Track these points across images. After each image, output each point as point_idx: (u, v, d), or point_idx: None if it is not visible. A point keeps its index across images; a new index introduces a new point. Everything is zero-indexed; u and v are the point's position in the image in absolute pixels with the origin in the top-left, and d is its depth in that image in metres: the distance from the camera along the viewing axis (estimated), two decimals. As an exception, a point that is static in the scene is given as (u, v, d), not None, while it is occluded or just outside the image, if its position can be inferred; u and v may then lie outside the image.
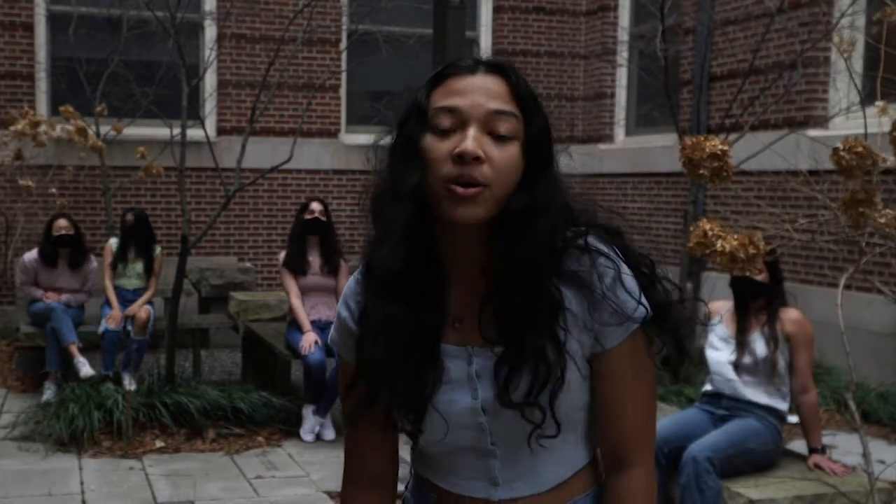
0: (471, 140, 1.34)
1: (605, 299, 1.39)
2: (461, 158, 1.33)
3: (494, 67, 1.41)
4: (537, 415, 1.39)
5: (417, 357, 1.40)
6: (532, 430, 1.40)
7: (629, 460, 1.46)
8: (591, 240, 1.42)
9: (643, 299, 1.41)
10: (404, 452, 1.55)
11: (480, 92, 1.38)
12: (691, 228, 2.80)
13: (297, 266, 6.04)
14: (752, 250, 2.71)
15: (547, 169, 1.41)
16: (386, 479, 1.56)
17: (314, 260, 6.09)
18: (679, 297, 1.47)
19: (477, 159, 1.33)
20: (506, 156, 1.36)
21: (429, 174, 1.36)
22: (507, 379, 1.38)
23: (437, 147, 1.36)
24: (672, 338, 1.44)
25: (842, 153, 2.74)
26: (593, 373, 1.43)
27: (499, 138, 1.36)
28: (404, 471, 1.59)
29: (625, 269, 1.41)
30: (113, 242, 7.05)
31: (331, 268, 6.09)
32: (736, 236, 2.74)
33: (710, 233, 2.77)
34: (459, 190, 1.34)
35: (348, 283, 1.54)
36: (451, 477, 1.48)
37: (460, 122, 1.37)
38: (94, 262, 7.04)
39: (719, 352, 4.27)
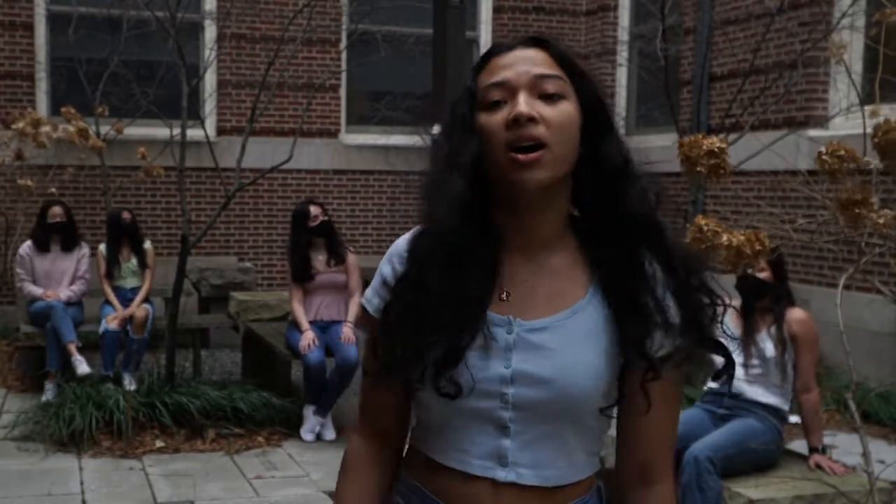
0: (522, 104, 1.38)
1: (660, 305, 1.42)
2: (516, 122, 1.37)
3: (534, 41, 1.46)
4: (659, 370, 1.41)
5: (460, 317, 1.41)
6: (613, 404, 1.43)
7: (658, 476, 1.49)
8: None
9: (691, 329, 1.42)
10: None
11: (523, 62, 1.42)
12: (688, 226, 2.80)
13: (304, 275, 6.02)
14: (758, 247, 2.71)
15: (610, 128, 1.45)
16: (393, 436, 1.58)
17: (321, 259, 6.07)
18: (722, 311, 1.47)
19: (531, 120, 1.37)
20: (559, 113, 1.39)
21: (488, 148, 1.40)
22: (635, 334, 1.40)
23: (492, 119, 1.40)
24: (702, 362, 1.48)
25: (824, 157, 2.75)
26: (624, 384, 1.44)
27: (549, 98, 1.40)
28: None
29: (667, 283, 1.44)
30: (102, 248, 7.09)
31: (338, 260, 6.08)
32: (742, 232, 2.74)
33: (706, 228, 2.77)
34: (521, 157, 1.36)
35: (397, 241, 1.54)
36: (456, 453, 1.46)
37: (509, 92, 1.40)
38: (86, 248, 7.09)
39: None
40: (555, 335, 1.42)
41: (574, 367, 1.41)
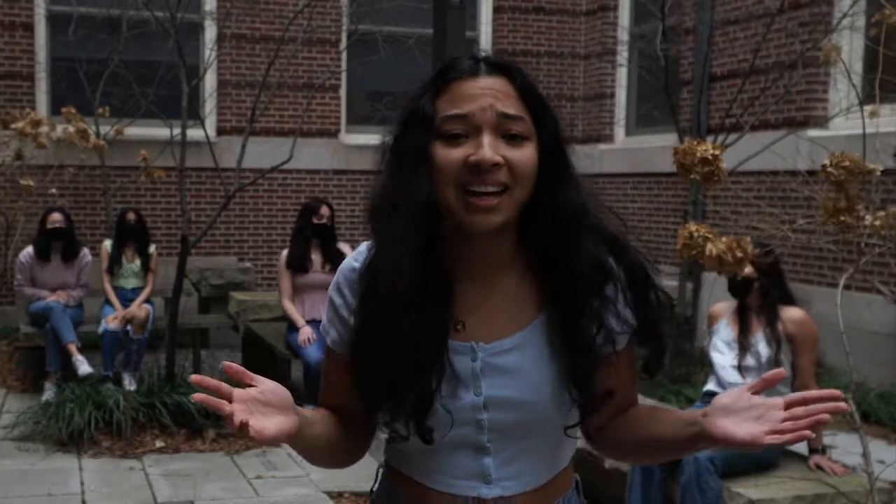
0: (487, 148, 1.33)
1: (618, 303, 1.45)
2: (478, 167, 1.32)
3: (497, 67, 1.40)
4: (597, 403, 1.45)
5: (423, 357, 1.39)
6: (578, 421, 1.46)
7: (634, 402, 1.59)
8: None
9: (629, 315, 1.46)
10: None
11: (489, 95, 1.36)
12: (681, 230, 2.81)
13: (299, 264, 6.10)
14: (739, 253, 2.72)
15: (568, 168, 1.42)
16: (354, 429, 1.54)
17: (315, 258, 6.17)
18: (669, 307, 1.53)
19: (496, 165, 1.33)
20: (523, 156, 1.35)
21: (440, 183, 1.35)
22: (579, 368, 1.42)
23: (449, 154, 1.35)
24: (655, 349, 1.51)
25: (829, 169, 2.74)
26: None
27: (512, 139, 1.35)
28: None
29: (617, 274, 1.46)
30: (108, 244, 7.07)
31: (332, 266, 6.13)
32: (724, 239, 2.75)
33: (696, 234, 2.78)
34: (479, 202, 1.33)
35: (343, 267, 1.50)
36: (441, 476, 1.46)
37: (472, 128, 1.35)
38: (87, 256, 7.06)
39: (724, 355, 4.27)
40: (517, 355, 1.43)
41: (541, 386, 1.42)
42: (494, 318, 1.43)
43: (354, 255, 1.50)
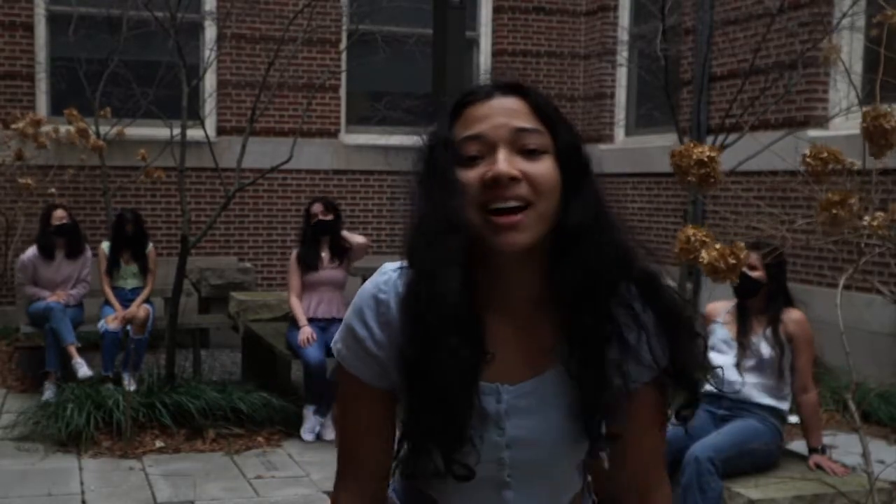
0: (502, 161, 1.31)
1: (641, 343, 1.40)
2: (496, 182, 1.30)
3: (511, 89, 1.39)
4: (607, 443, 1.43)
5: (457, 394, 1.36)
6: (588, 449, 1.45)
7: (657, 482, 1.52)
8: (631, 289, 1.41)
9: (658, 354, 1.42)
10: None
11: (501, 113, 1.35)
12: (679, 233, 2.81)
13: (309, 261, 6.14)
14: (731, 260, 2.71)
15: (588, 182, 1.38)
16: (380, 489, 1.52)
17: (325, 256, 6.21)
18: (703, 344, 1.47)
19: (513, 179, 1.30)
20: (542, 169, 1.33)
21: (464, 207, 1.32)
22: (589, 411, 1.40)
23: (468, 176, 1.33)
24: (688, 394, 1.47)
25: (808, 159, 2.75)
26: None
27: (530, 154, 1.33)
28: None
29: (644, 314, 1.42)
30: (105, 246, 7.08)
31: (340, 261, 6.18)
32: (718, 245, 2.75)
33: (693, 238, 2.77)
34: (501, 220, 1.30)
35: (364, 295, 1.44)
36: None
37: (487, 147, 1.34)
38: (90, 252, 7.08)
39: (724, 355, 4.26)
40: (539, 396, 1.42)
41: (562, 426, 1.42)
42: (518, 355, 1.41)
43: (377, 284, 1.43)
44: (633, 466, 1.50)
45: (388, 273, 1.43)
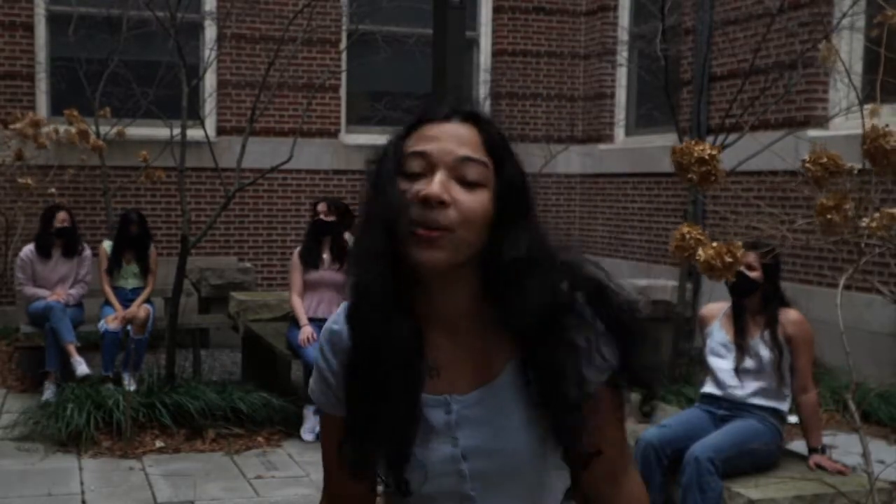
0: (436, 184, 1.35)
1: (592, 349, 1.43)
2: (425, 201, 1.34)
3: (469, 116, 1.43)
4: (582, 459, 1.45)
5: (401, 409, 1.40)
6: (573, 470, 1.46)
7: (624, 470, 1.56)
8: (579, 298, 1.44)
9: (609, 355, 1.45)
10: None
11: (451, 139, 1.39)
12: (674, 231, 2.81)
13: (310, 259, 6.15)
14: (728, 258, 2.71)
15: (523, 218, 1.41)
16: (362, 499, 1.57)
17: (326, 257, 6.23)
18: (654, 345, 1.53)
19: (442, 203, 1.34)
20: (473, 201, 1.36)
21: (397, 222, 1.37)
22: (559, 429, 1.42)
23: (406, 187, 1.38)
24: (646, 393, 1.52)
25: (807, 164, 2.75)
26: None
27: (467, 184, 1.37)
28: None
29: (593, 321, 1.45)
30: (107, 246, 7.09)
31: (341, 264, 6.19)
32: (714, 244, 2.75)
33: (688, 236, 2.78)
34: (422, 231, 1.34)
35: (324, 331, 1.52)
36: None
37: (429, 166, 1.38)
38: (88, 251, 7.11)
39: (722, 359, 4.26)
40: (490, 405, 1.44)
41: (517, 434, 1.43)
42: (466, 367, 1.44)
43: (333, 318, 1.51)
44: (600, 460, 1.52)
45: (343, 306, 1.49)
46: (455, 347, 1.44)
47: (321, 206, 6.31)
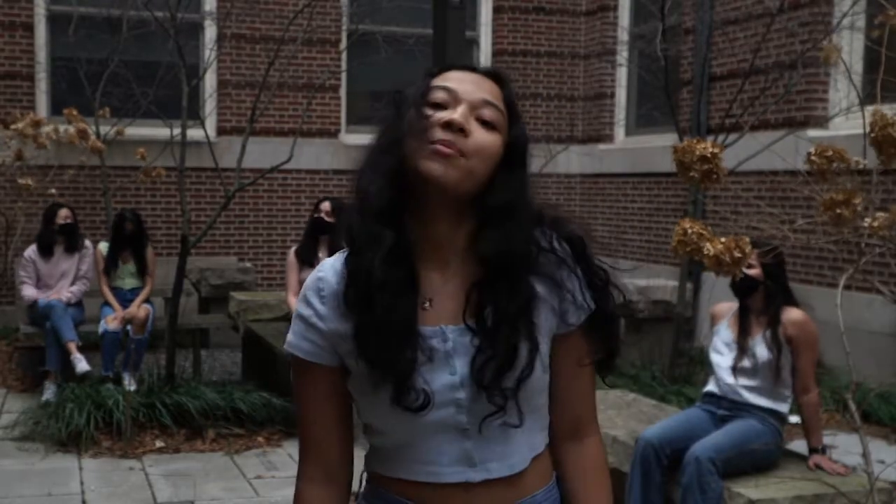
0: (459, 113, 1.44)
1: (564, 289, 1.52)
2: (448, 126, 1.43)
3: (492, 72, 1.55)
4: (501, 400, 1.47)
5: (397, 338, 1.45)
6: (494, 413, 1.48)
7: (588, 430, 1.62)
8: (556, 239, 1.54)
9: (588, 298, 1.53)
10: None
11: (475, 83, 1.50)
12: (675, 227, 2.81)
13: (306, 257, 6.14)
14: (737, 254, 2.71)
15: (522, 170, 1.52)
16: (343, 470, 1.58)
17: (322, 256, 6.20)
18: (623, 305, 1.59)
19: (462, 131, 1.43)
20: (487, 139, 1.46)
21: (414, 139, 1.44)
22: (483, 364, 1.46)
23: (430, 114, 1.46)
24: (607, 345, 1.57)
25: (813, 157, 2.76)
26: (554, 352, 1.55)
27: (484, 124, 1.47)
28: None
29: (575, 267, 1.54)
30: (103, 247, 7.10)
31: None
32: (723, 239, 2.74)
33: (689, 231, 2.77)
34: (441, 147, 1.42)
35: (307, 283, 1.55)
36: (426, 467, 1.50)
37: (453, 100, 1.47)
38: (89, 246, 7.12)
39: (722, 356, 4.26)
40: (482, 335, 1.48)
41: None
42: (455, 302, 1.49)
43: (316, 271, 1.55)
44: (567, 412, 1.59)
45: (328, 261, 1.56)
46: (443, 283, 1.50)
47: (325, 205, 6.29)
